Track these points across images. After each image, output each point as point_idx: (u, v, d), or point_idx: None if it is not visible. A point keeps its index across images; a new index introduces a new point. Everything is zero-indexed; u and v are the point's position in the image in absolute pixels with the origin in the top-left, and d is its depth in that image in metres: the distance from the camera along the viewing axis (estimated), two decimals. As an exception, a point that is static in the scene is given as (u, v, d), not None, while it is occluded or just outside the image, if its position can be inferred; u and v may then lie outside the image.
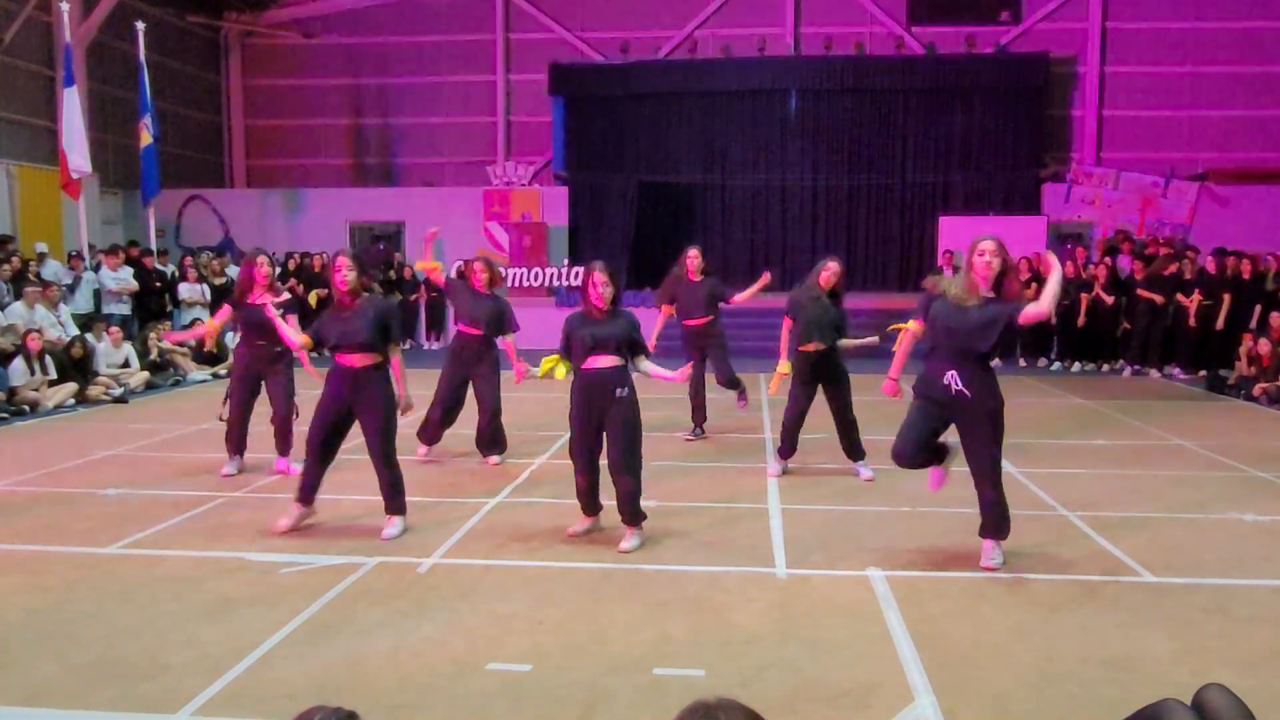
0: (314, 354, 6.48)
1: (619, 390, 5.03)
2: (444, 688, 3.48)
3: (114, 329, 11.32)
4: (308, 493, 5.43)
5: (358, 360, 5.24)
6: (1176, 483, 6.66)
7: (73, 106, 13.43)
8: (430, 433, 7.37)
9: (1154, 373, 12.75)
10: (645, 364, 5.23)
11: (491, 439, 7.28)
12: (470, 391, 7.26)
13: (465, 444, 7.67)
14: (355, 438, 5.47)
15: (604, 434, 5.11)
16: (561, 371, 5.21)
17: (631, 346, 5.11)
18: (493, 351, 7.23)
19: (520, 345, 7.36)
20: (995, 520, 4.80)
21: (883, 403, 5.81)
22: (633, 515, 5.13)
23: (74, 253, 13.57)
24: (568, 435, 8.22)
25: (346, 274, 5.23)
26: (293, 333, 5.71)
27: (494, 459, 7.23)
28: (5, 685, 3.49)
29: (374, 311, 5.29)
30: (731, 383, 8.09)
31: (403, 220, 18.51)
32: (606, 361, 5.05)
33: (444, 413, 7.28)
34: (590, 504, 5.34)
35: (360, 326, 5.21)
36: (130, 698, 3.40)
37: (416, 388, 7.79)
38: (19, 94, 15.36)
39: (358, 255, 5.47)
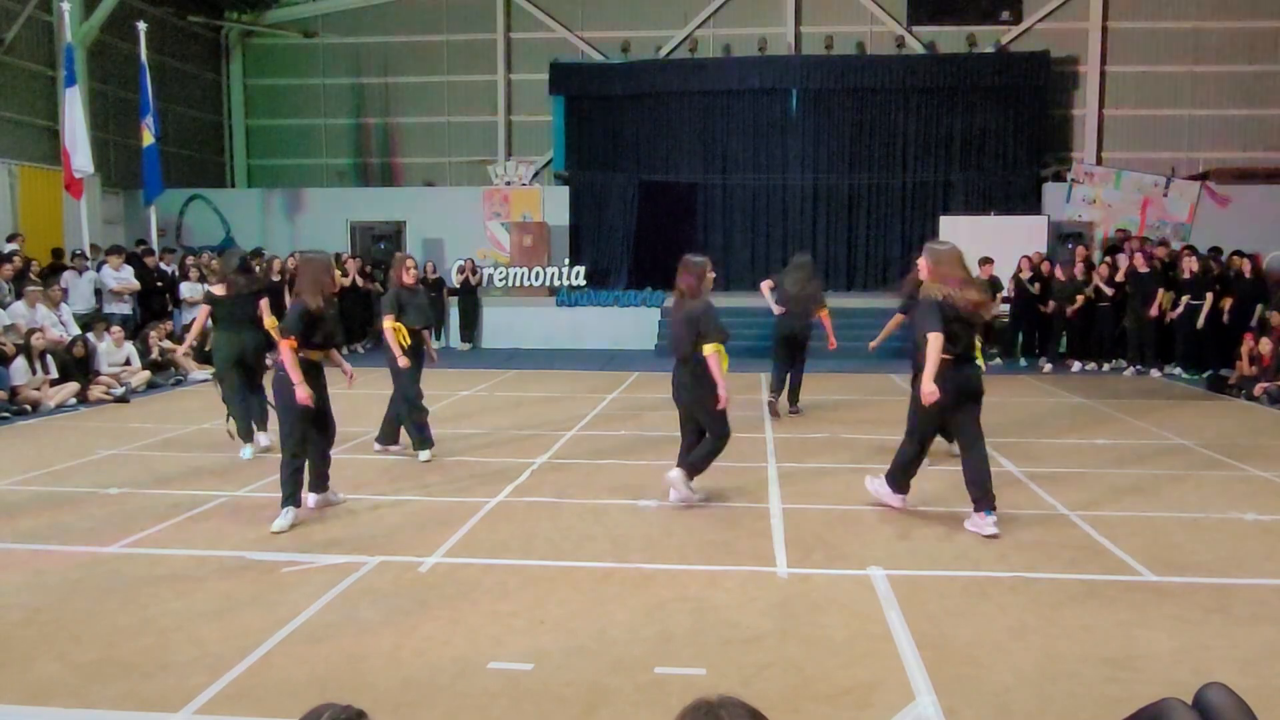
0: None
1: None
2: (445, 687, 3.48)
3: (116, 329, 11.34)
4: (299, 493, 5.61)
5: (320, 356, 5.80)
6: (1177, 482, 6.67)
7: (74, 107, 13.43)
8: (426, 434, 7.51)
9: (1154, 372, 12.75)
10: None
11: (394, 430, 7.59)
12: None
13: (465, 443, 7.68)
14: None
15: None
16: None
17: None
18: (423, 345, 7.53)
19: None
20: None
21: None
22: (691, 463, 5.90)
23: (77, 251, 13.58)
24: (568, 435, 8.28)
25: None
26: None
27: (393, 448, 7.54)
28: (8, 684, 3.50)
29: (335, 315, 5.92)
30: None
31: (403, 220, 18.52)
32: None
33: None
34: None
35: (338, 329, 5.98)
36: (132, 696, 3.40)
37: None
38: (20, 94, 15.36)
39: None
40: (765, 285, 9.52)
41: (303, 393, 5.46)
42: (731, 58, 18.93)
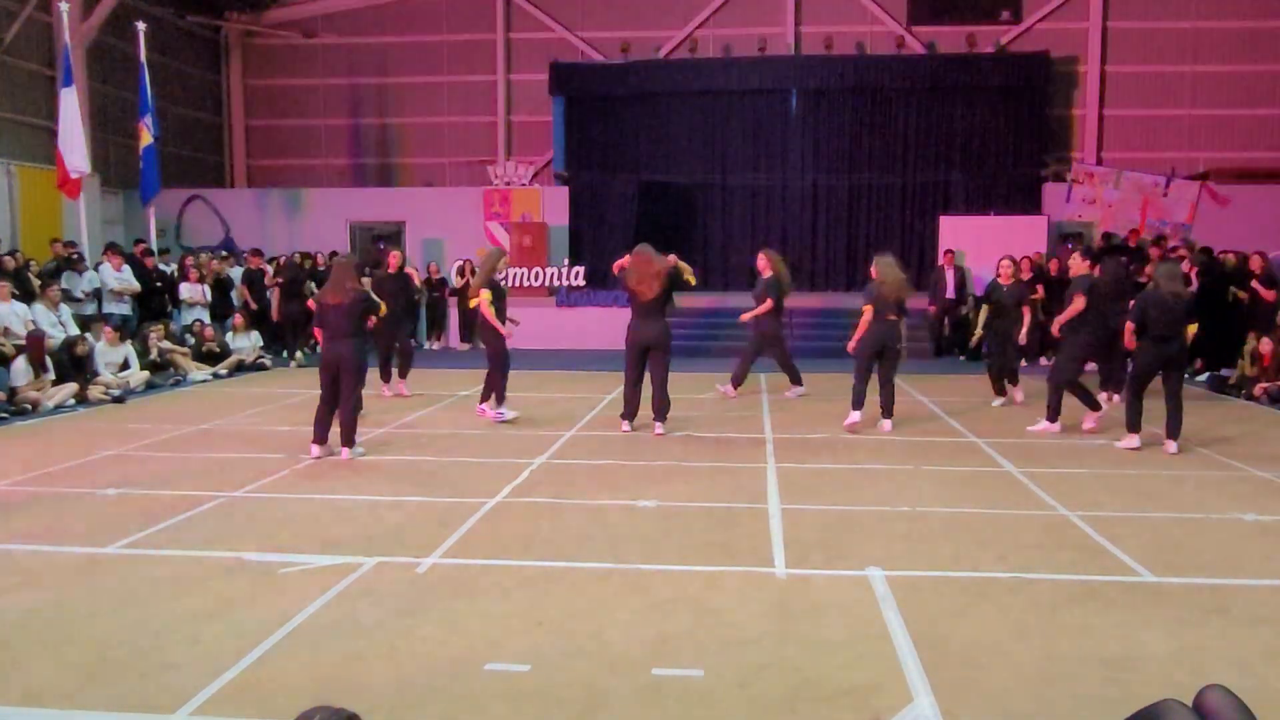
0: None
1: None
2: (443, 688, 3.47)
3: (108, 329, 11.25)
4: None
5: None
6: (1176, 483, 6.66)
7: (70, 107, 13.40)
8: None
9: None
10: None
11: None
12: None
13: (464, 443, 7.67)
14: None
15: None
16: None
17: None
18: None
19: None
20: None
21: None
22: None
23: (73, 255, 13.55)
24: (567, 435, 8.26)
25: None
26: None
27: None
28: (5, 685, 3.49)
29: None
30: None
31: (403, 220, 18.52)
32: None
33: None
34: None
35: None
36: (129, 697, 3.40)
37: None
38: (19, 94, 15.36)
39: None
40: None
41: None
42: (731, 58, 18.92)
